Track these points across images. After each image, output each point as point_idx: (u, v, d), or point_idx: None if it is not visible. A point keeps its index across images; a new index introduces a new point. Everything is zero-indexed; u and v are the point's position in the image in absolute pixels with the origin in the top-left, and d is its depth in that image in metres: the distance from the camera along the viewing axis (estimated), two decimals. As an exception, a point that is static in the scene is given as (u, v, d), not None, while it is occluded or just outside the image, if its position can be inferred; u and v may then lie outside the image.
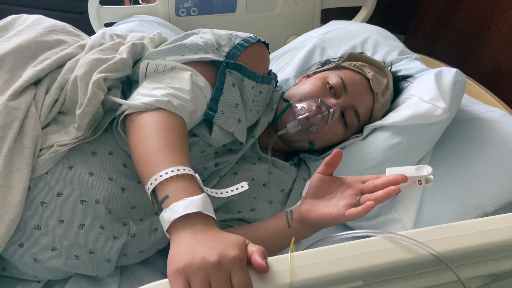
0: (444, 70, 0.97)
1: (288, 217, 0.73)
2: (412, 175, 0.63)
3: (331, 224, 0.68)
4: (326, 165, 0.69)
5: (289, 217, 0.73)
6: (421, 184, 0.64)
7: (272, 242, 0.73)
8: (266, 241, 0.71)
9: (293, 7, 1.58)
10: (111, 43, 0.86)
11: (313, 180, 0.71)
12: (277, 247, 0.74)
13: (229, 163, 0.89)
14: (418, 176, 0.63)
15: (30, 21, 0.87)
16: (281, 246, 0.74)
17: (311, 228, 0.71)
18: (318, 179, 0.70)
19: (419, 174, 0.63)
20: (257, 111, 0.92)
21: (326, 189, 0.70)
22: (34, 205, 0.68)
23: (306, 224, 0.70)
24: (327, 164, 0.69)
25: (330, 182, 0.70)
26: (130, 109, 0.71)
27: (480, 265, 0.58)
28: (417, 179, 0.64)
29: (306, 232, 0.72)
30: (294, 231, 0.72)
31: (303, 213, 0.70)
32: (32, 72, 0.75)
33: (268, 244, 0.66)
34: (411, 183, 0.64)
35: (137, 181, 0.77)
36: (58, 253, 0.69)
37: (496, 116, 1.01)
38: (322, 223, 0.68)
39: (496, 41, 1.43)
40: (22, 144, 0.68)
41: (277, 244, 0.73)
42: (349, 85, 0.94)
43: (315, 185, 0.70)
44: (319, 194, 0.70)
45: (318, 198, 0.70)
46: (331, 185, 0.70)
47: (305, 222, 0.70)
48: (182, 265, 0.48)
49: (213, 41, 0.85)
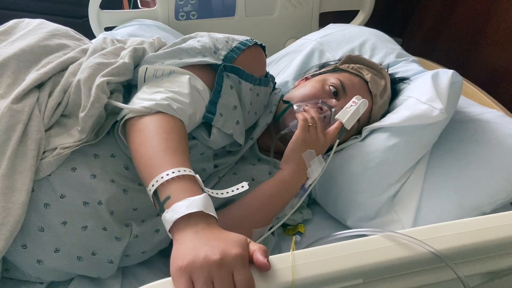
0: (441, 72, 0.98)
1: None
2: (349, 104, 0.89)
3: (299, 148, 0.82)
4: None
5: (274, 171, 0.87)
6: (356, 103, 0.88)
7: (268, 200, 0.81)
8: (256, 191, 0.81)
9: (291, 10, 1.60)
10: (113, 48, 0.87)
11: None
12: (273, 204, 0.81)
13: (228, 164, 0.89)
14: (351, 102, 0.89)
15: (33, 25, 0.88)
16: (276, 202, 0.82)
17: (289, 162, 0.83)
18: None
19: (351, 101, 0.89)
20: (255, 113, 0.93)
21: None
22: (37, 207, 0.69)
23: (283, 159, 0.84)
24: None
25: None
26: (131, 113, 0.72)
27: (478, 263, 0.59)
28: (351, 102, 0.89)
29: (288, 173, 0.82)
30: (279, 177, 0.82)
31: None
32: (35, 76, 0.76)
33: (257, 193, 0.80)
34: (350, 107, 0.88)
35: (139, 183, 0.78)
36: (61, 254, 0.70)
37: (493, 117, 1.01)
38: (291, 147, 0.83)
39: (492, 43, 1.44)
40: (25, 147, 0.69)
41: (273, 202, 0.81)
42: (348, 87, 0.95)
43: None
44: None
45: None
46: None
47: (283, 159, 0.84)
48: (185, 264, 0.49)
49: (211, 45, 0.86)
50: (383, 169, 0.90)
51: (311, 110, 0.89)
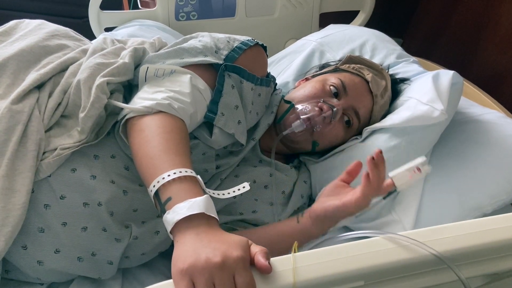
0: (442, 73, 0.98)
1: (298, 215, 0.78)
2: (408, 166, 0.66)
3: (340, 215, 0.70)
4: (347, 174, 0.74)
5: (299, 216, 0.77)
6: (420, 171, 0.65)
7: (280, 238, 0.76)
8: (274, 237, 0.75)
9: (291, 11, 1.59)
10: (113, 48, 0.86)
11: (330, 184, 0.75)
12: (284, 244, 0.72)
13: (230, 165, 0.89)
14: (413, 166, 0.65)
15: (33, 26, 0.88)
16: (288, 243, 0.74)
17: (319, 222, 0.74)
18: (334, 184, 0.75)
19: (414, 163, 0.66)
20: (257, 113, 0.93)
21: (337, 192, 0.73)
22: (37, 208, 0.68)
23: (314, 217, 0.74)
24: (347, 172, 0.74)
25: (344, 187, 0.74)
26: (132, 112, 0.71)
27: (480, 264, 0.59)
28: (415, 168, 0.65)
29: (314, 228, 0.74)
30: (301, 226, 0.75)
31: (313, 207, 0.75)
32: (35, 76, 0.76)
33: (275, 240, 0.71)
34: (412, 173, 0.65)
35: (139, 184, 0.78)
36: (61, 255, 0.70)
37: (493, 118, 1.02)
38: (330, 213, 0.71)
39: (492, 43, 1.44)
40: (25, 147, 0.69)
41: (284, 241, 0.74)
42: (349, 87, 0.95)
43: (330, 188, 0.75)
44: (331, 195, 0.74)
45: (327, 197, 0.74)
46: (342, 189, 0.73)
47: (313, 215, 0.74)
48: (187, 266, 0.49)
49: (212, 45, 0.85)
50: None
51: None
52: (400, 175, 0.66)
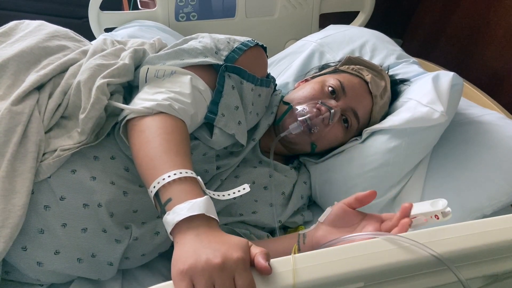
0: (441, 74, 0.98)
1: (300, 240, 0.73)
2: (428, 210, 0.62)
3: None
4: (356, 200, 0.69)
5: (301, 241, 0.73)
6: (438, 218, 0.61)
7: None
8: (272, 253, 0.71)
9: (291, 12, 1.60)
10: (113, 49, 0.86)
11: (336, 208, 0.70)
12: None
13: (230, 166, 0.89)
14: (433, 211, 0.61)
15: (32, 26, 0.88)
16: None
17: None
18: (341, 209, 0.70)
19: (435, 208, 0.61)
20: (257, 114, 0.93)
21: (346, 221, 0.69)
22: (37, 209, 0.68)
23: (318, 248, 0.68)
24: (357, 199, 0.68)
25: (352, 214, 0.69)
26: (132, 113, 0.71)
27: (480, 265, 0.59)
28: (433, 214, 0.61)
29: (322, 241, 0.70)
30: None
31: (318, 238, 0.70)
32: (35, 77, 0.76)
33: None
34: (429, 218, 0.62)
35: (139, 185, 0.78)
36: (61, 256, 0.70)
37: (493, 119, 1.02)
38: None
39: (492, 44, 1.44)
40: (25, 149, 0.69)
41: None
42: (348, 88, 0.95)
43: (337, 214, 0.70)
44: (338, 224, 0.70)
45: (335, 227, 0.70)
46: (352, 217, 0.69)
47: (317, 246, 0.69)
48: (187, 267, 0.49)
49: (212, 45, 0.86)
50: (384, 171, 0.90)
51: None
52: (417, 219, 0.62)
